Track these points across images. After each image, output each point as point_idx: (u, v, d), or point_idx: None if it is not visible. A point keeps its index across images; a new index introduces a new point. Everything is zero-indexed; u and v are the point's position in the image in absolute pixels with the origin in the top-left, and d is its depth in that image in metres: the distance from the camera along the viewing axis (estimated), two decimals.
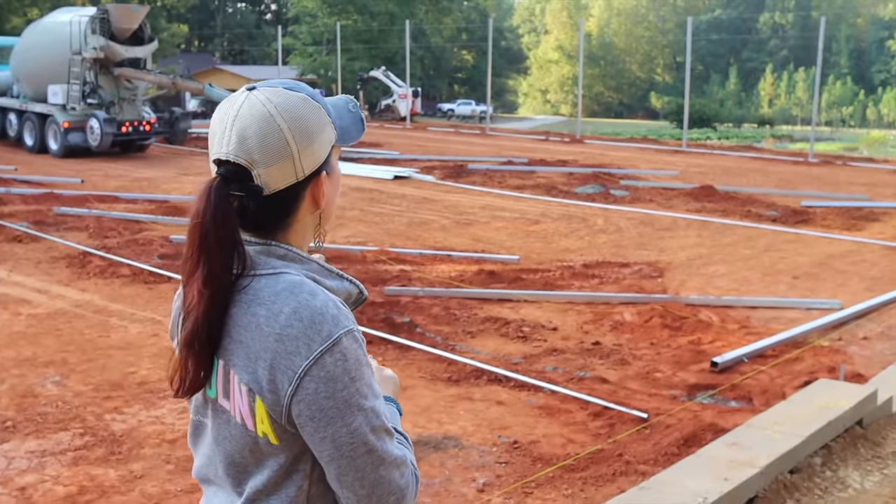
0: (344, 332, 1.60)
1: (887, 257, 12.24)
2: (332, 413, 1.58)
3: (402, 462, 1.66)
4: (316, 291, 1.64)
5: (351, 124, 1.78)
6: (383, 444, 1.63)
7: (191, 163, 23.37)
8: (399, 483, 1.65)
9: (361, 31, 54.91)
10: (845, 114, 73.96)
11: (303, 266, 1.70)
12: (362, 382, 1.61)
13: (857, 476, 4.84)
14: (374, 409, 1.62)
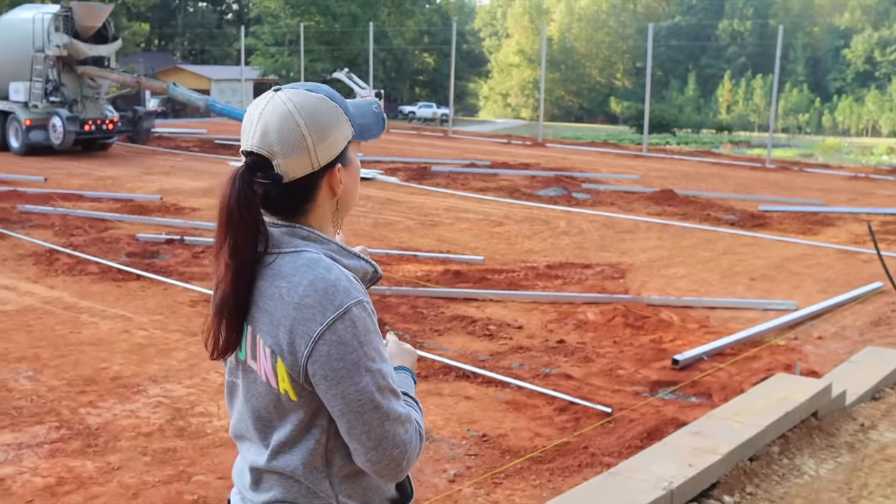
0: (354, 303, 1.82)
1: (841, 261, 12.56)
2: (342, 373, 1.80)
3: (406, 419, 1.86)
4: (331, 266, 1.86)
5: (372, 123, 2.01)
6: (388, 402, 1.84)
7: (154, 162, 23.33)
8: (402, 438, 1.85)
9: (324, 33, 54.91)
10: (801, 121, 75.03)
11: (323, 246, 1.91)
12: (370, 347, 1.82)
13: (812, 464, 5.07)
14: (381, 371, 1.83)
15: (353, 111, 1.99)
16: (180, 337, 8.32)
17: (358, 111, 2.00)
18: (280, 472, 1.93)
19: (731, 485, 4.65)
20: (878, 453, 5.29)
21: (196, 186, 18.52)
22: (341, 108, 1.94)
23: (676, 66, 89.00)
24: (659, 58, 74.72)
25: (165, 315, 9.04)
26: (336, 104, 1.94)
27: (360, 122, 1.99)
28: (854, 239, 14.09)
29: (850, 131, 73.43)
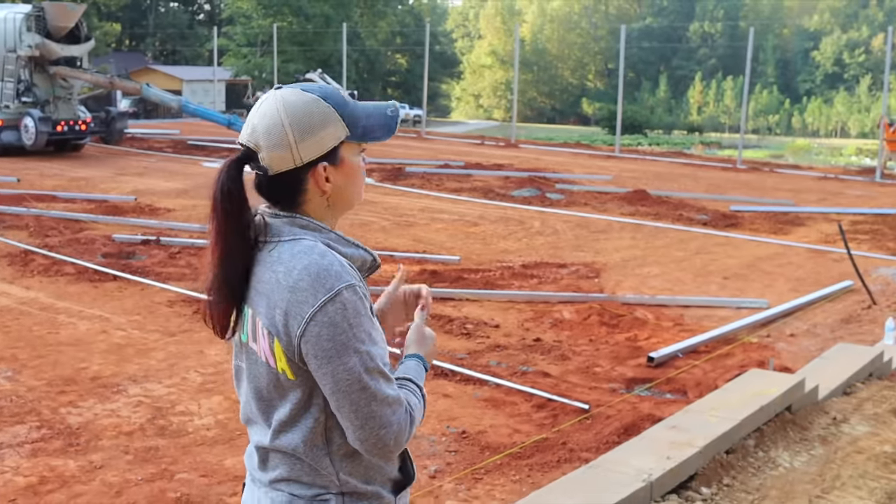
0: (345, 286, 1.91)
1: (812, 260, 12.74)
2: (331, 353, 1.90)
3: (394, 401, 1.94)
4: (325, 253, 1.96)
5: (378, 126, 2.08)
6: (376, 383, 1.92)
7: (127, 163, 23.24)
8: (390, 419, 1.93)
9: (297, 33, 54.72)
10: (771, 122, 75.64)
11: (321, 235, 2.02)
12: (360, 329, 1.92)
13: (786, 456, 5.18)
14: (370, 353, 1.92)
15: (360, 113, 2.06)
16: (159, 337, 8.34)
17: (366, 113, 2.07)
18: (283, 450, 2.03)
19: (709, 477, 4.75)
20: (850, 446, 5.41)
21: (170, 187, 18.48)
22: (335, 110, 2.02)
23: (648, 68, 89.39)
24: (630, 59, 75.09)
25: (143, 315, 9.05)
26: (329, 105, 2.02)
27: (364, 124, 2.06)
28: (824, 238, 14.28)
29: (820, 132, 74.09)
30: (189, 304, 9.42)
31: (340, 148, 2.04)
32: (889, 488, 4.82)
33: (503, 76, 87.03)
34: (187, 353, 7.88)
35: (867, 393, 6.47)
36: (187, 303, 9.49)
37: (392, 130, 2.09)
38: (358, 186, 2.12)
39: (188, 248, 12.15)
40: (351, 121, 2.04)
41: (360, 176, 2.11)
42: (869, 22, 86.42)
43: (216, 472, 5.53)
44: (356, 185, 2.11)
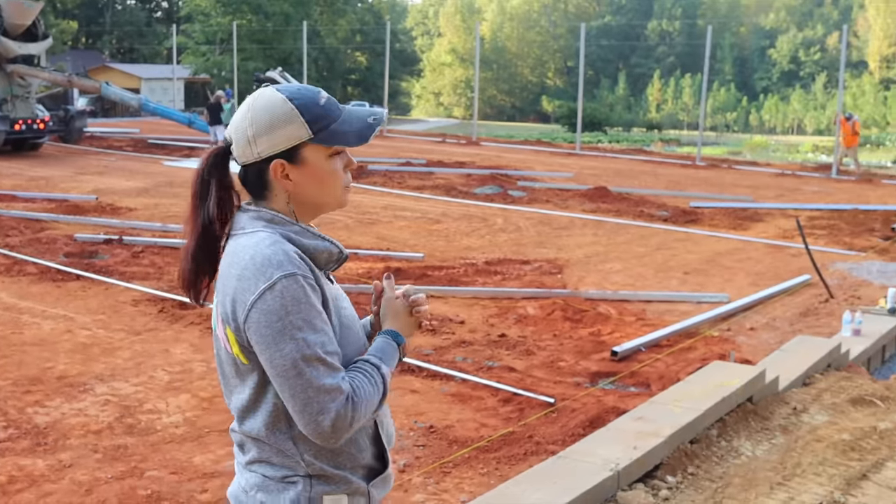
0: (284, 275, 1.99)
1: (770, 255, 12.93)
2: (269, 339, 1.98)
3: (332, 389, 1.98)
4: (273, 243, 2.05)
5: (351, 132, 2.14)
6: (313, 370, 1.97)
7: (87, 162, 23.05)
8: (327, 406, 1.98)
9: (256, 31, 54.48)
10: (729, 119, 76.38)
11: (284, 227, 2.11)
12: (297, 316, 1.98)
13: (748, 445, 5.29)
14: (307, 341, 1.97)
15: (336, 117, 2.13)
16: (124, 336, 8.33)
17: (346, 119, 2.14)
18: (249, 435, 2.12)
19: (674, 465, 4.86)
20: (810, 434, 5.54)
21: (131, 186, 18.37)
22: (299, 112, 2.09)
23: (607, 66, 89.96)
24: (590, 57, 75.52)
25: (108, 315, 9.02)
26: (293, 106, 2.10)
27: (334, 129, 2.12)
28: (782, 234, 14.50)
29: (777, 129, 74.93)
30: (154, 303, 9.40)
31: (302, 149, 2.11)
32: (847, 475, 4.95)
33: (463, 74, 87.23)
34: (153, 351, 7.88)
35: (825, 384, 6.61)
36: (152, 302, 9.47)
37: (364, 138, 2.14)
38: (326, 189, 2.16)
39: (151, 247, 12.11)
40: (318, 124, 2.11)
41: (328, 179, 2.16)
42: (824, 20, 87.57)
43: (186, 469, 5.55)
44: (323, 188, 2.16)
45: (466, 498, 5.18)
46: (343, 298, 2.22)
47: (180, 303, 9.34)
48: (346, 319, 2.16)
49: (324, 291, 2.07)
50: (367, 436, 2.17)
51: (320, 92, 2.15)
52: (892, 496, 4.78)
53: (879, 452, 5.31)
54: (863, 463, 5.12)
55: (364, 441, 2.16)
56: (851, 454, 5.22)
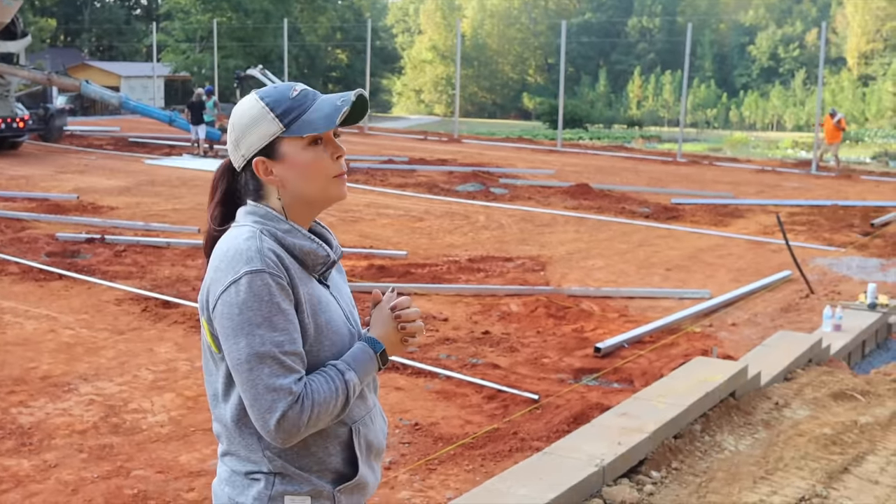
0: (250, 270, 2.00)
1: (751, 251, 13.02)
2: (228, 332, 2.01)
3: (280, 389, 1.97)
4: (251, 238, 2.07)
5: (319, 117, 2.11)
6: (265, 368, 1.98)
7: (67, 160, 22.93)
8: (275, 405, 1.97)
9: (236, 29, 54.34)
10: (709, 116, 76.66)
11: (274, 223, 2.13)
12: (256, 312, 1.99)
13: (731, 440, 5.35)
14: (262, 338, 1.98)
15: (306, 107, 2.12)
16: (108, 335, 8.31)
17: (317, 105, 2.13)
18: (220, 423, 2.16)
19: (658, 461, 4.90)
20: (792, 429, 5.59)
21: (112, 185, 18.31)
22: (268, 108, 2.11)
23: (587, 63, 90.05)
24: (570, 54, 75.59)
25: (91, 314, 9.01)
26: (263, 105, 2.12)
27: (305, 118, 2.11)
28: (763, 230, 14.59)
29: (756, 126, 75.23)
30: (137, 302, 9.39)
31: (279, 143, 2.12)
32: (829, 468, 5.01)
33: (444, 71, 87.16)
34: (137, 351, 7.87)
35: (807, 378, 6.68)
36: (135, 301, 9.45)
37: (332, 120, 2.09)
38: (309, 181, 2.15)
39: (133, 245, 12.08)
40: (289, 116, 2.11)
41: (309, 170, 2.14)
42: (803, 17, 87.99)
43: (172, 468, 5.56)
44: (306, 180, 2.15)
45: (452, 495, 5.20)
46: (331, 302, 2.17)
47: (163, 302, 9.34)
48: (331, 324, 2.13)
49: (297, 292, 2.05)
50: (337, 441, 2.14)
51: (294, 86, 2.15)
52: (872, 489, 4.84)
53: (860, 446, 5.37)
54: (844, 457, 5.18)
55: (334, 446, 2.13)
56: (833, 448, 5.28)
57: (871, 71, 78.54)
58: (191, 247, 12.09)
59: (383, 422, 2.34)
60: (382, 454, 2.33)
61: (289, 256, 2.09)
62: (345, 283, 2.35)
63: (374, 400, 2.29)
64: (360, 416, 2.19)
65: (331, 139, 2.16)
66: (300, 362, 2.02)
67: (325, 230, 2.32)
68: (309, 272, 2.14)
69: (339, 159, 2.17)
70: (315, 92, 2.15)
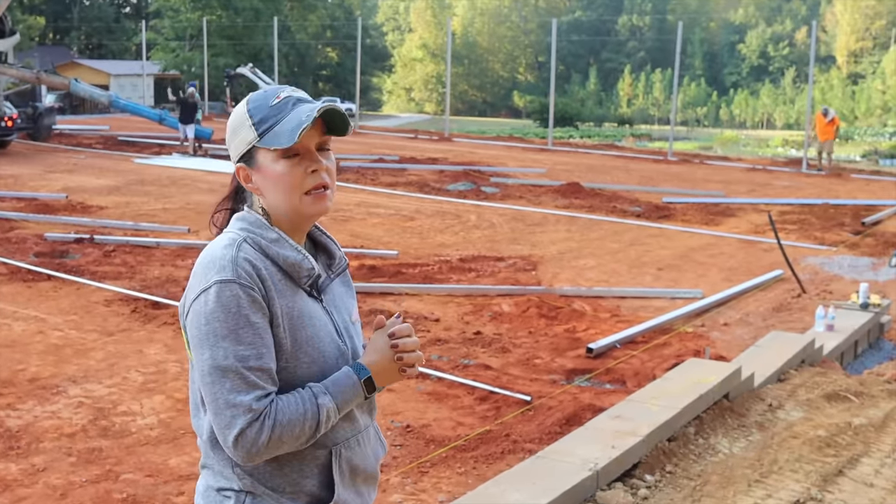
0: (220, 279, 1.94)
1: (743, 250, 13.01)
2: (195, 341, 1.96)
3: (239, 405, 1.90)
4: (228, 246, 2.00)
5: (284, 131, 1.99)
6: (227, 382, 1.91)
7: (56, 159, 22.82)
8: (234, 422, 1.90)
9: (226, 27, 54.24)
10: (700, 114, 76.81)
11: (261, 231, 2.05)
12: (222, 324, 1.92)
13: (725, 443, 5.32)
14: (226, 351, 1.91)
15: (280, 117, 2.01)
16: (97, 336, 8.25)
17: (291, 116, 2.01)
18: (198, 433, 2.11)
19: (652, 464, 4.87)
20: (786, 431, 5.57)
21: (102, 184, 18.22)
22: (248, 115, 2.04)
23: (577, 61, 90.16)
24: (560, 52, 75.59)
25: (80, 315, 8.94)
26: (246, 110, 2.05)
27: (278, 129, 2.00)
28: (754, 229, 14.59)
29: (746, 124, 75.45)
30: (126, 303, 9.32)
31: (256, 152, 2.04)
32: (824, 471, 4.98)
33: (434, 69, 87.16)
34: (127, 352, 7.81)
35: (800, 379, 6.65)
36: (125, 301, 9.38)
37: (292, 137, 1.97)
38: (279, 194, 2.04)
39: (123, 245, 12.00)
40: (264, 125, 2.02)
41: (278, 183, 2.03)
42: (792, 16, 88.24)
43: (161, 472, 5.51)
44: (276, 193, 2.04)
45: (444, 498, 5.17)
46: (318, 317, 2.07)
47: (153, 303, 9.27)
48: (313, 340, 2.03)
49: (273, 305, 1.97)
50: (315, 463, 2.05)
51: (280, 91, 2.05)
52: (867, 492, 4.82)
53: (854, 448, 5.35)
54: (838, 459, 5.15)
55: (310, 468, 2.04)
56: (827, 450, 5.26)
57: (861, 69, 78.83)
58: (181, 247, 12.03)
59: (379, 445, 2.25)
60: (374, 479, 2.22)
61: (272, 266, 2.01)
62: (350, 297, 2.25)
63: (366, 422, 2.19)
64: (343, 439, 2.09)
65: (308, 151, 2.02)
66: (267, 379, 1.94)
67: (329, 240, 2.23)
68: (297, 284, 2.05)
69: (314, 173, 2.03)
70: (299, 99, 2.05)
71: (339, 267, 2.21)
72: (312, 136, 2.02)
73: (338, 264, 2.21)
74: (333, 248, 2.21)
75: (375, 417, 2.26)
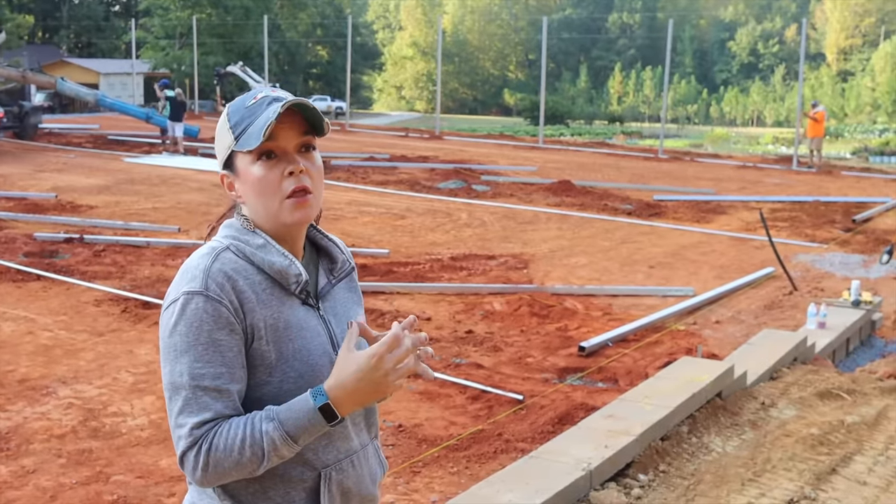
0: (187, 291, 1.85)
1: (734, 247, 13.01)
2: (161, 352, 1.87)
3: (181, 426, 1.81)
4: (204, 255, 1.91)
5: (255, 132, 1.90)
6: (179, 400, 1.82)
7: (45, 159, 22.73)
8: (177, 441, 1.82)
9: (216, 26, 54.03)
10: (690, 111, 76.91)
11: (248, 237, 1.95)
12: (183, 339, 1.83)
13: (719, 441, 5.31)
14: (183, 367, 1.82)
15: (257, 116, 1.91)
16: (87, 337, 8.21)
17: (266, 115, 1.90)
18: None
19: (645, 464, 4.86)
20: (779, 429, 5.56)
21: (91, 183, 18.14)
22: (227, 118, 1.95)
23: (568, 59, 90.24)
24: (551, 50, 75.64)
25: (70, 315, 8.89)
26: (226, 116, 1.96)
27: (251, 130, 1.91)
28: (745, 226, 14.60)
29: (737, 121, 75.58)
30: (117, 303, 9.27)
31: (235, 156, 1.95)
32: (817, 469, 4.97)
33: (425, 67, 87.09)
34: (117, 352, 7.77)
35: (793, 377, 6.65)
36: (115, 301, 9.34)
37: (259, 135, 1.87)
38: (258, 200, 1.94)
39: (113, 245, 11.95)
40: (239, 128, 1.92)
41: (256, 188, 1.93)
42: (782, 13, 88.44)
43: (152, 473, 5.47)
44: (255, 198, 1.94)
45: (437, 498, 5.15)
46: (310, 328, 1.95)
47: (143, 302, 9.23)
48: (301, 352, 1.91)
49: (252, 318, 1.86)
50: (302, 486, 1.93)
51: (258, 92, 1.96)
52: (860, 490, 4.81)
53: (847, 446, 5.34)
54: (831, 457, 5.15)
55: (297, 492, 1.93)
56: (820, 448, 5.25)
57: (850, 66, 79.04)
58: (171, 246, 11.99)
59: (378, 465, 2.12)
60: (372, 502, 2.08)
61: (258, 275, 1.90)
62: (356, 304, 2.13)
63: (364, 440, 2.06)
64: (334, 461, 1.96)
65: (286, 152, 1.92)
66: (222, 401, 1.82)
67: (332, 243, 2.11)
68: (288, 292, 1.94)
69: (291, 176, 1.91)
70: (275, 98, 1.93)
71: (341, 272, 2.09)
72: (290, 137, 1.91)
73: (340, 268, 2.09)
74: (336, 252, 2.09)
75: (377, 434, 2.14)
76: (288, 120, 1.89)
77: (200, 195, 16.82)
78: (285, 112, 1.87)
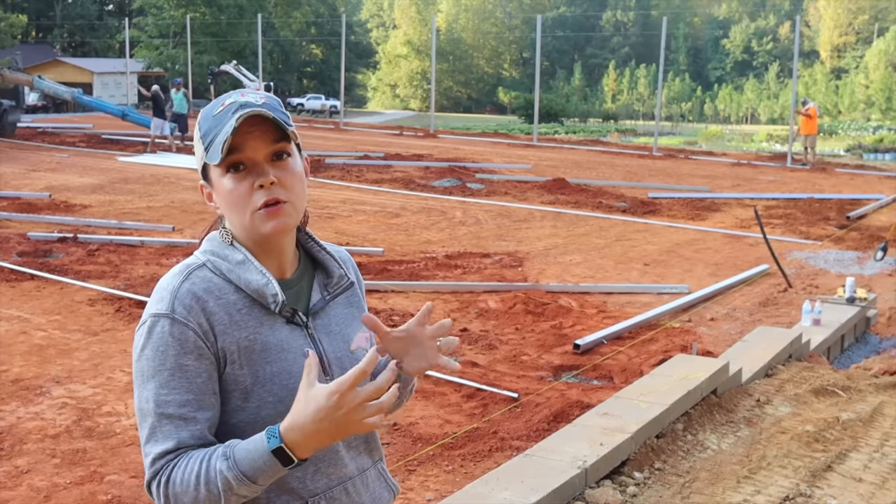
0: (154, 314, 1.77)
1: (729, 245, 13.02)
2: (133, 375, 1.78)
3: (147, 455, 1.73)
4: (175, 275, 1.83)
5: (217, 145, 1.79)
6: (145, 427, 1.74)
7: (39, 158, 22.67)
8: (146, 465, 1.74)
9: (210, 24, 54.02)
10: (684, 109, 76.98)
11: (225, 251, 1.85)
12: (149, 364, 1.74)
13: (714, 439, 5.31)
14: (149, 393, 1.74)
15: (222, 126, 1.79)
16: (81, 336, 8.18)
17: (225, 128, 1.78)
18: None
19: (641, 461, 4.85)
20: (774, 426, 5.56)
21: (85, 183, 18.11)
22: (198, 129, 1.85)
23: (562, 57, 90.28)
24: (545, 48, 75.70)
25: (64, 315, 8.87)
26: (198, 125, 1.86)
27: (218, 140, 1.79)
28: (740, 224, 14.60)
29: (731, 119, 75.66)
30: (111, 303, 9.25)
31: (208, 168, 1.84)
32: (812, 466, 4.97)
33: (419, 66, 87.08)
34: (111, 352, 7.75)
35: (788, 374, 6.65)
36: (109, 301, 9.31)
37: (217, 152, 1.77)
38: (231, 212, 1.83)
39: (107, 244, 11.92)
40: (208, 138, 1.81)
41: (228, 201, 1.82)
42: (776, 11, 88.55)
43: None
44: (228, 210, 1.84)
45: (432, 496, 5.14)
46: (292, 350, 1.82)
47: (137, 302, 9.20)
48: (280, 375, 1.80)
49: (224, 341, 1.76)
50: None
51: (226, 98, 1.83)
52: (856, 487, 4.81)
53: (843, 443, 5.34)
54: (827, 454, 5.14)
55: None
56: (816, 445, 5.25)
57: (844, 64, 79.16)
58: (165, 245, 11.96)
59: (384, 489, 2.00)
60: None
61: (235, 294, 1.80)
62: (355, 320, 1.99)
63: (362, 465, 1.94)
64: (324, 489, 1.84)
65: (255, 164, 1.79)
66: (188, 429, 1.72)
67: (329, 258, 1.98)
68: (269, 311, 1.82)
69: (261, 189, 1.78)
70: (243, 104, 1.79)
71: (337, 287, 1.96)
72: (259, 147, 1.79)
73: (336, 284, 1.95)
74: (332, 266, 1.96)
75: (382, 457, 2.02)
76: (256, 128, 1.78)
77: (195, 194, 16.77)
78: (252, 120, 1.76)
